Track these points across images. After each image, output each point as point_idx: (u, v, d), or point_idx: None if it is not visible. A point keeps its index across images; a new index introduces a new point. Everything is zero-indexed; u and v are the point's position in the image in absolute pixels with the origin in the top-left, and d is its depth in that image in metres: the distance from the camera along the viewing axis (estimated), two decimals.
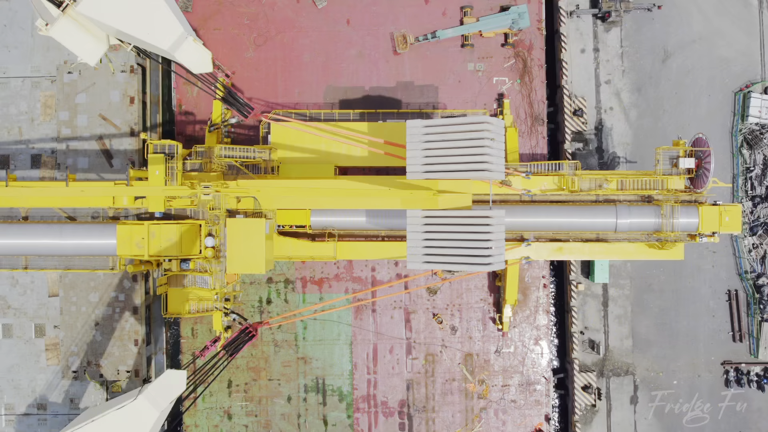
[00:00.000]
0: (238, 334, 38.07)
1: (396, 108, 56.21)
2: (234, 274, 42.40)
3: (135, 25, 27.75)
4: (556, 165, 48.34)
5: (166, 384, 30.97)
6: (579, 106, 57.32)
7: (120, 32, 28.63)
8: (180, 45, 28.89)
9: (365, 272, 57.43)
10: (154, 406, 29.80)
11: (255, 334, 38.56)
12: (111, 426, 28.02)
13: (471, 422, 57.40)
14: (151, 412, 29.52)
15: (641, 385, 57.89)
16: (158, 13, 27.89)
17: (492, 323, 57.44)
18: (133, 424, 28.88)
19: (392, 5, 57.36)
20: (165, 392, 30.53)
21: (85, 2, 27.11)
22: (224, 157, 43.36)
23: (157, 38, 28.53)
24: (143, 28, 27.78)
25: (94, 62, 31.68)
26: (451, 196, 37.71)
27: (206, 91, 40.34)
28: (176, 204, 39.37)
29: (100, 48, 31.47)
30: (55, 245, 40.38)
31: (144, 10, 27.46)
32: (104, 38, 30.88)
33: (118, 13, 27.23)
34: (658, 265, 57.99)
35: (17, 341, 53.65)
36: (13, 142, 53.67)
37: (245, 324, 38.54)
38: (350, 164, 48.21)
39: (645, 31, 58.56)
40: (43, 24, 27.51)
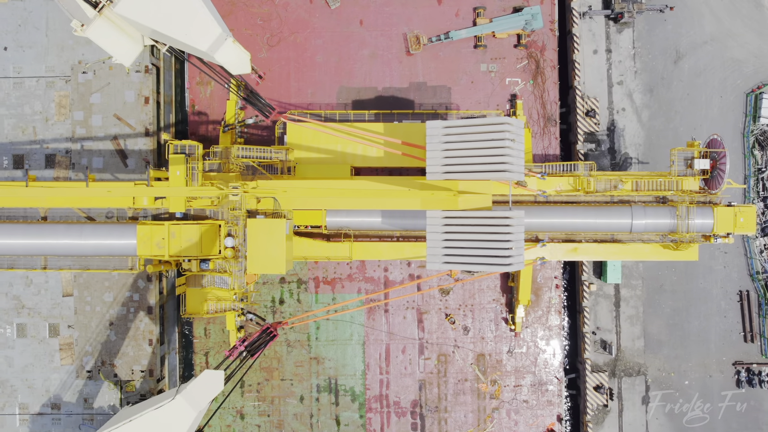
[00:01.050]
0: (260, 334, 38.17)
1: (409, 108, 56.29)
2: (253, 275, 42.46)
3: (173, 26, 27.74)
4: (571, 166, 48.43)
5: (204, 384, 31.00)
6: (591, 106, 57.42)
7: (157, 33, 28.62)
8: (220, 46, 28.91)
9: (378, 272, 57.52)
10: (191, 405, 29.80)
11: (276, 334, 38.62)
12: (149, 426, 28.05)
13: (483, 422, 57.51)
14: (188, 412, 29.52)
15: (653, 385, 58.01)
16: (196, 13, 27.89)
17: (504, 323, 57.56)
18: (171, 423, 28.89)
19: (405, 6, 57.46)
20: (203, 392, 30.55)
21: (123, 3, 27.12)
22: (242, 158, 43.42)
23: (195, 39, 28.53)
24: (181, 29, 27.79)
25: (129, 63, 31.71)
26: (472, 197, 37.81)
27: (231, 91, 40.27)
28: (196, 204, 39.41)
29: (136, 49, 31.49)
30: (76, 245, 40.40)
31: (182, 11, 27.46)
32: (140, 39, 30.88)
33: (156, 14, 27.23)
34: (669, 265, 58.11)
35: (31, 341, 53.68)
36: (28, 141, 53.70)
37: (266, 324, 38.59)
38: (366, 165, 48.31)
39: (657, 32, 58.67)
40: (79, 25, 27.48)
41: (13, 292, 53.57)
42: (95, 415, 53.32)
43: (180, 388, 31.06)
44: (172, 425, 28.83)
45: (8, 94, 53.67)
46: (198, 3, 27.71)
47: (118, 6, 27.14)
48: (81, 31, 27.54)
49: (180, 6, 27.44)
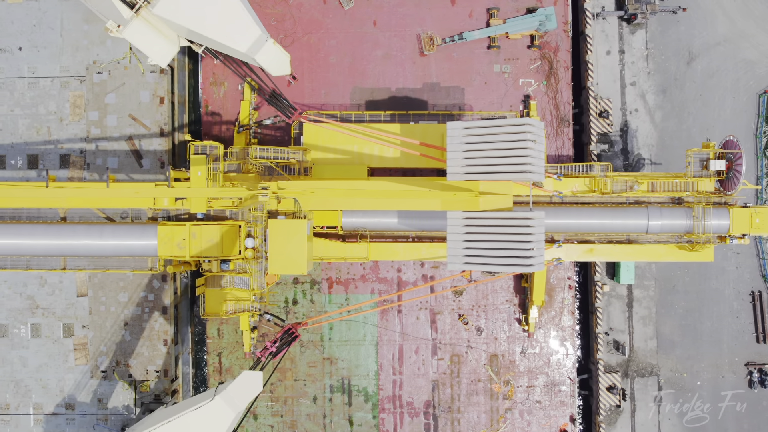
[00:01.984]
0: (282, 334, 38.18)
1: (422, 109, 56.34)
2: (274, 275, 42.47)
3: (212, 27, 27.72)
4: (587, 167, 48.52)
5: (243, 385, 30.97)
6: (605, 107, 57.46)
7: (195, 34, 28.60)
8: (261, 47, 28.89)
9: (391, 273, 57.54)
10: (230, 407, 29.77)
11: (298, 335, 38.64)
12: (188, 426, 28.00)
13: (496, 423, 57.55)
14: (227, 413, 29.50)
15: (665, 385, 58.08)
16: (236, 15, 27.88)
17: (517, 324, 57.60)
18: (210, 424, 28.86)
19: (419, 7, 57.51)
20: (242, 393, 30.52)
21: (161, 4, 27.07)
22: (259, 158, 43.45)
23: (234, 40, 28.50)
24: (220, 30, 27.77)
25: (165, 63, 31.74)
26: (493, 198, 37.86)
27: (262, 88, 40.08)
28: (216, 205, 39.41)
29: (172, 49, 31.47)
30: (96, 246, 40.41)
31: (221, 13, 27.43)
32: (176, 39, 30.85)
33: (195, 15, 27.23)
34: (682, 266, 58.19)
35: (45, 341, 53.68)
36: (42, 141, 53.70)
37: (288, 325, 38.60)
38: (382, 165, 48.36)
39: (670, 33, 58.75)
40: (115, 26, 27.43)
41: (28, 292, 53.57)
42: (109, 415, 53.32)
43: (218, 389, 31.03)
44: (211, 426, 28.81)
45: (23, 94, 53.67)
46: (237, 4, 27.66)
47: (156, 7, 27.08)
48: (117, 32, 27.53)
49: (219, 7, 27.39)
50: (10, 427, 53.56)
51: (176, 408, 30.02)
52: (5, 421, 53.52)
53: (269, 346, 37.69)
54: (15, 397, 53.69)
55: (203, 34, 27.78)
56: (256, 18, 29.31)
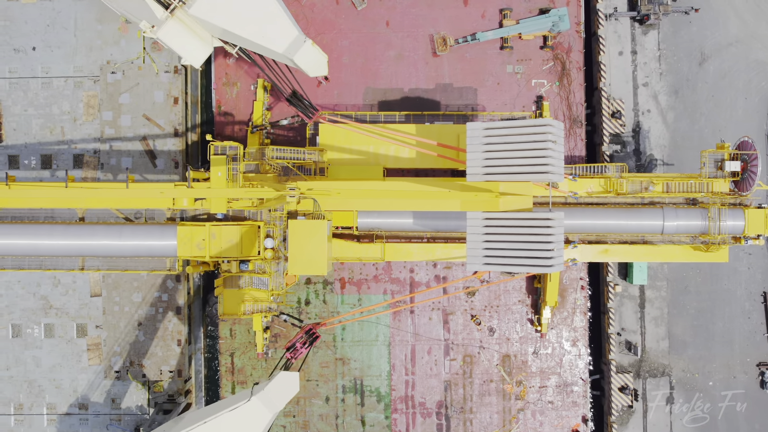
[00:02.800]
0: (303, 335, 38.18)
1: (435, 109, 56.40)
2: (293, 276, 42.49)
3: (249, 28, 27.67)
4: (602, 167, 48.57)
5: (280, 386, 30.95)
6: (617, 108, 57.51)
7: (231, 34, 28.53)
8: (299, 48, 28.84)
9: (404, 273, 57.57)
10: (267, 407, 29.72)
11: (318, 335, 38.67)
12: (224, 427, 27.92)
13: (508, 423, 57.59)
14: (264, 414, 29.45)
15: (677, 385, 58.15)
16: (273, 16, 27.82)
17: (530, 325, 57.64)
18: (247, 425, 28.78)
19: (431, 7, 57.52)
20: (279, 394, 30.48)
21: (198, 4, 27.02)
22: (276, 159, 43.46)
23: (271, 41, 28.44)
24: (257, 31, 27.72)
25: (199, 64, 31.67)
26: (513, 198, 37.90)
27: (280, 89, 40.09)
28: (235, 205, 39.39)
29: (206, 50, 31.43)
30: (115, 246, 40.41)
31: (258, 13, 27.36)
32: (209, 40, 30.82)
33: (231, 16, 27.17)
34: (694, 266, 58.28)
35: (59, 341, 53.68)
36: (56, 142, 53.69)
37: (308, 325, 38.63)
38: (398, 166, 48.38)
39: (682, 33, 58.82)
40: (149, 26, 27.37)
41: (41, 292, 53.57)
42: (123, 415, 53.33)
43: (254, 390, 30.98)
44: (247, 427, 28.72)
45: (36, 94, 53.67)
46: (275, 5, 27.61)
47: (193, 7, 27.03)
48: (150, 32, 27.48)
49: (257, 8, 27.34)
50: (23, 427, 53.58)
51: (212, 408, 29.96)
52: (19, 421, 53.53)
53: (300, 347, 37.71)
54: (28, 397, 53.69)
55: (240, 34, 27.66)
56: (292, 19, 29.27)
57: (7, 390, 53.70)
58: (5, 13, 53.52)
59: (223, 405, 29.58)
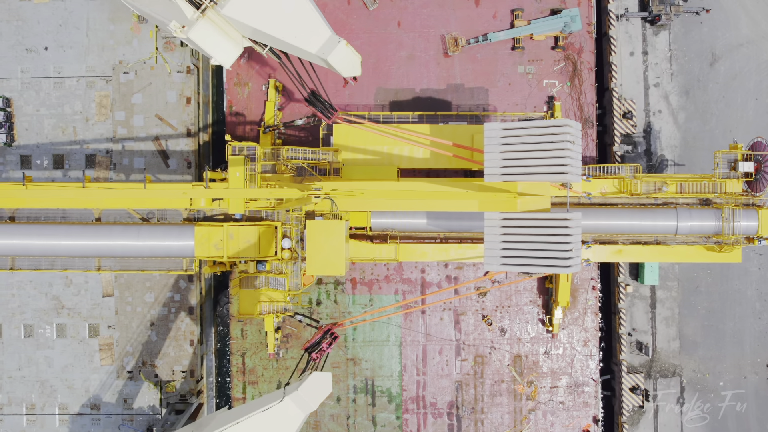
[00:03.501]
0: (322, 335, 38.20)
1: (446, 110, 56.45)
2: (311, 276, 42.52)
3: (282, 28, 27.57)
4: (615, 168, 48.60)
5: (313, 386, 30.90)
6: (628, 108, 57.54)
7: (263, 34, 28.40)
8: (333, 48, 28.75)
9: (415, 274, 57.59)
10: (300, 407, 29.68)
11: (337, 335, 38.66)
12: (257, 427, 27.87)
13: (519, 423, 57.60)
14: (297, 414, 29.41)
15: (688, 386, 58.21)
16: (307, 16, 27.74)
17: (541, 325, 57.66)
18: (280, 426, 28.75)
19: (443, 8, 57.54)
20: (312, 394, 30.41)
21: (232, 4, 26.91)
22: (291, 159, 43.46)
23: (304, 41, 28.37)
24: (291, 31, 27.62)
25: (229, 65, 31.59)
26: (531, 199, 37.93)
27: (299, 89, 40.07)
28: (253, 205, 39.34)
29: (236, 50, 31.35)
30: (133, 246, 40.36)
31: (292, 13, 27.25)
32: (240, 40, 30.75)
33: (265, 16, 27.04)
34: (705, 267, 58.34)
35: (71, 341, 53.63)
36: (68, 142, 53.64)
37: (326, 326, 38.62)
38: (411, 166, 48.39)
39: (693, 34, 58.89)
40: (179, 27, 27.27)
41: (53, 292, 53.53)
42: (135, 415, 53.29)
43: (287, 390, 30.94)
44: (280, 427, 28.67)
45: (48, 94, 53.63)
46: (308, 5, 27.55)
47: (226, 8, 26.95)
48: (180, 33, 27.39)
49: (290, 8, 27.25)
50: (35, 427, 53.53)
51: (244, 408, 29.90)
52: (31, 421, 53.48)
53: (325, 348, 37.70)
54: (40, 398, 53.64)
55: (273, 34, 27.55)
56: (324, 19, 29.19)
57: (19, 390, 53.66)
58: (18, 13, 53.49)
59: (255, 405, 29.52)
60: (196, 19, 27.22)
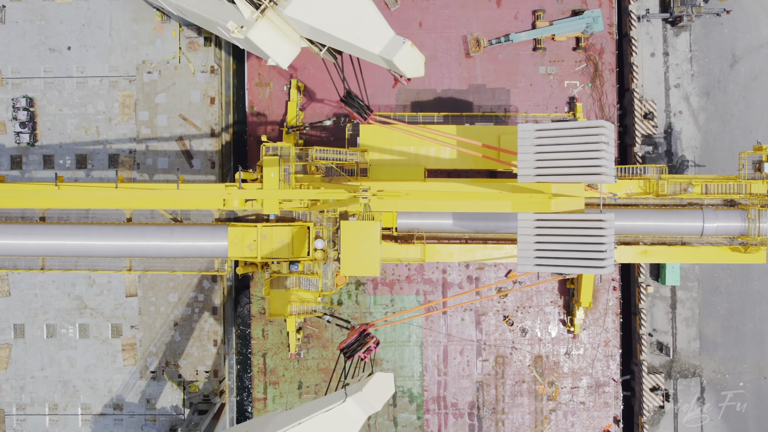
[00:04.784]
0: (357, 336, 38.22)
1: (467, 110, 56.54)
2: (344, 277, 42.51)
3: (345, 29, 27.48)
4: (641, 169, 48.70)
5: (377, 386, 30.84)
6: (649, 109, 57.62)
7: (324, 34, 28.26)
8: (398, 49, 28.65)
9: (436, 274, 57.65)
10: (363, 408, 29.64)
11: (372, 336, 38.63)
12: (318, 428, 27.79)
13: (540, 424, 57.66)
14: (359, 415, 29.36)
15: (708, 386, 58.31)
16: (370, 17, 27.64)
17: (562, 325, 57.73)
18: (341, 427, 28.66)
19: (464, 8, 57.59)
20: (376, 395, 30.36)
21: (294, 5, 26.78)
22: (320, 159, 43.47)
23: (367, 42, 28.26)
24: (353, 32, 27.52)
25: (287, 65, 31.48)
26: (565, 200, 37.96)
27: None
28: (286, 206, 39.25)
29: (294, 50, 31.26)
30: (166, 247, 40.28)
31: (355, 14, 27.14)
32: (297, 40, 30.66)
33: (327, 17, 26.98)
34: (725, 267, 58.43)
35: (94, 341, 53.57)
36: (91, 142, 53.57)
37: (362, 326, 38.62)
38: (438, 167, 48.44)
39: (714, 35, 58.96)
40: (237, 27, 27.17)
41: (76, 292, 53.45)
42: (158, 415, 53.24)
43: (348, 390, 30.89)
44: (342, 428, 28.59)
45: (71, 94, 53.54)
46: (370, 5, 27.47)
47: (288, 8, 26.85)
48: (238, 33, 27.28)
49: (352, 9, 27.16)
50: (58, 427, 53.46)
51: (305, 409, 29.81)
52: (54, 421, 53.41)
53: (373, 347, 37.75)
54: (63, 398, 53.57)
55: (335, 35, 27.43)
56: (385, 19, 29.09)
57: (41, 390, 53.59)
58: (41, 12, 53.40)
59: (316, 406, 29.45)
60: (255, 20, 27.10)
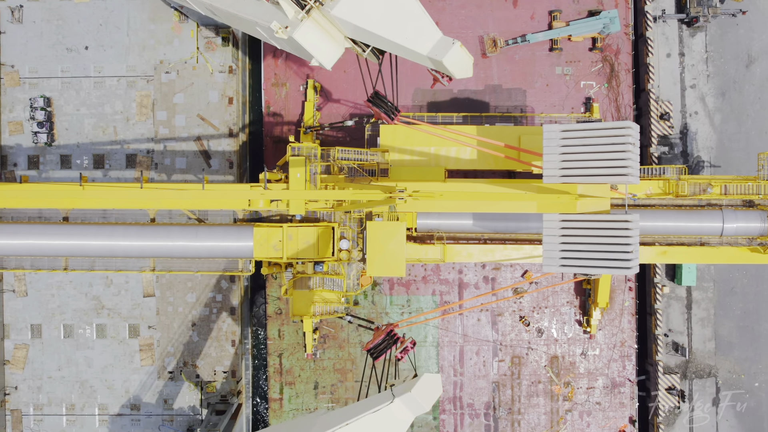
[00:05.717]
0: (385, 336, 38.19)
1: (484, 110, 56.59)
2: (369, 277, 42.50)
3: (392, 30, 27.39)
4: (661, 170, 48.77)
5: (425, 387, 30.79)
6: (665, 110, 57.67)
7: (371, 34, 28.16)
8: (448, 50, 28.57)
9: (452, 274, 57.65)
10: (410, 409, 29.58)
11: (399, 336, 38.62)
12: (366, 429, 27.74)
13: (556, 424, 57.70)
14: (407, 416, 29.31)
15: (723, 386, 58.38)
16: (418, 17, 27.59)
17: (578, 326, 57.76)
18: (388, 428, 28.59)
19: (481, 8, 57.60)
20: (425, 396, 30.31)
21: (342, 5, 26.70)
22: (342, 160, 43.45)
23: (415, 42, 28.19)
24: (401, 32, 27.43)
25: (331, 65, 31.41)
26: (591, 200, 37.97)
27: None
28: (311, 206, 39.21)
29: (338, 50, 31.21)
30: (191, 247, 40.20)
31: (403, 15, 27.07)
32: (341, 40, 30.60)
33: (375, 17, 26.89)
34: (740, 268, 58.50)
35: (111, 341, 53.49)
36: (108, 141, 53.49)
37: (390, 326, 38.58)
38: (458, 167, 48.38)
39: (729, 36, 59.02)
40: (281, 27, 27.07)
41: (93, 292, 53.36)
42: (175, 416, 53.17)
43: (395, 391, 30.85)
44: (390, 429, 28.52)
45: (89, 94, 53.45)
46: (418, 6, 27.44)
47: (335, 9, 26.79)
48: (282, 33, 27.21)
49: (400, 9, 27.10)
50: (75, 427, 53.38)
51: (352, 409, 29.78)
52: (71, 421, 53.33)
53: (410, 347, 37.78)
54: (80, 398, 53.48)
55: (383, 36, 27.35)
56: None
57: (58, 390, 53.50)
58: (58, 12, 53.29)
59: (362, 407, 29.43)
60: (301, 20, 27.03)
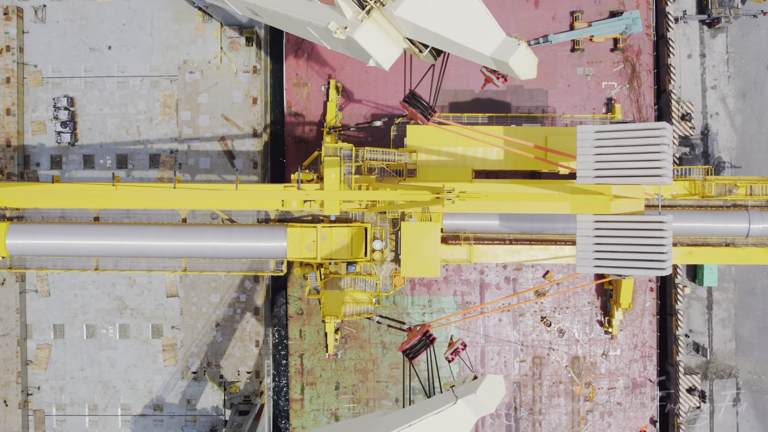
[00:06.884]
0: (421, 336, 38.20)
1: (505, 111, 56.67)
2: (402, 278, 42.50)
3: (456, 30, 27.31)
4: (686, 170, 48.82)
5: (489, 388, 30.79)
6: (687, 110, 57.73)
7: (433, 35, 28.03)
8: (514, 51, 28.53)
9: (474, 275, 57.67)
10: (474, 410, 29.57)
11: (435, 337, 38.65)
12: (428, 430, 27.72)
13: (577, 424, 57.73)
14: (470, 417, 29.30)
15: (744, 387, 58.47)
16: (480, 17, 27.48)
17: (599, 326, 57.79)
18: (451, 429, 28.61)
19: (502, 9, 57.58)
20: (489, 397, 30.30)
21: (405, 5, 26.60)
22: (370, 160, 43.44)
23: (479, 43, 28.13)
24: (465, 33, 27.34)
25: (389, 66, 31.37)
26: (625, 201, 37.96)
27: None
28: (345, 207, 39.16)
29: (397, 51, 31.16)
30: (225, 248, 40.12)
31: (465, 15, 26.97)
32: (400, 41, 30.54)
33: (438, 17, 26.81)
34: (761, 269, 58.61)
35: (134, 342, 53.40)
36: (132, 141, 53.40)
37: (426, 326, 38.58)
38: (485, 167, 48.35)
39: (750, 37, 59.11)
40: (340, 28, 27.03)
41: (116, 292, 53.28)
42: (198, 416, 53.11)
43: (458, 392, 30.83)
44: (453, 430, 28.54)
45: (112, 93, 53.36)
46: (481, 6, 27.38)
47: (399, 9, 26.72)
48: (341, 34, 27.16)
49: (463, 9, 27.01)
50: (98, 427, 53.29)
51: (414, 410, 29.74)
52: (93, 422, 53.23)
53: (460, 348, 37.79)
54: (103, 398, 53.40)
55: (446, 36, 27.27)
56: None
57: (81, 391, 53.40)
58: (81, 12, 53.19)
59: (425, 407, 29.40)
60: (360, 20, 26.97)
